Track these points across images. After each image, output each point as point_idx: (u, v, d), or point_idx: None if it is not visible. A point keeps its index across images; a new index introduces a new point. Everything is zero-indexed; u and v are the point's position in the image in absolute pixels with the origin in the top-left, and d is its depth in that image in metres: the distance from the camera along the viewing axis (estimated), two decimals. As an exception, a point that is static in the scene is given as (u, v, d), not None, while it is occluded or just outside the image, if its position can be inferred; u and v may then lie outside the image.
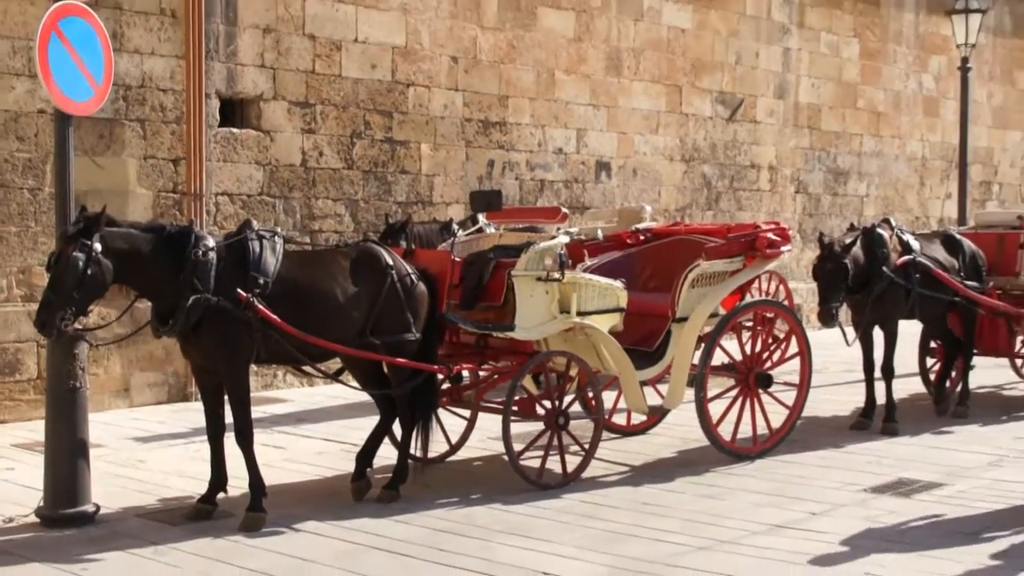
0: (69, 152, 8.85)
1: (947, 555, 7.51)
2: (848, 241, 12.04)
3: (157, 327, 8.52)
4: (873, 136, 23.34)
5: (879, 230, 12.50)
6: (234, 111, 14.41)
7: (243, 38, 14.33)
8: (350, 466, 9.49)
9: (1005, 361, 15.19)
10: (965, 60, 20.65)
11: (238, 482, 8.66)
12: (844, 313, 12.06)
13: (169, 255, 8.28)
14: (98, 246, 7.81)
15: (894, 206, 23.10)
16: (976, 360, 14.05)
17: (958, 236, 13.96)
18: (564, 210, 11.32)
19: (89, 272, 7.76)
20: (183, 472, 9.97)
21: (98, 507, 8.60)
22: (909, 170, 24.17)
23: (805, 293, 18.08)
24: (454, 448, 10.51)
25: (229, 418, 8.66)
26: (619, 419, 11.45)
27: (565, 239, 10.14)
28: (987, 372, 15.25)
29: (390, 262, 9.20)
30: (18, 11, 12.35)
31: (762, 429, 10.95)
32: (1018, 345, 14.93)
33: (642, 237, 11.76)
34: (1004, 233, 14.75)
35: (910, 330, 12.87)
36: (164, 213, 13.44)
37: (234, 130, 14.33)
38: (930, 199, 24.54)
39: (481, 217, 11.27)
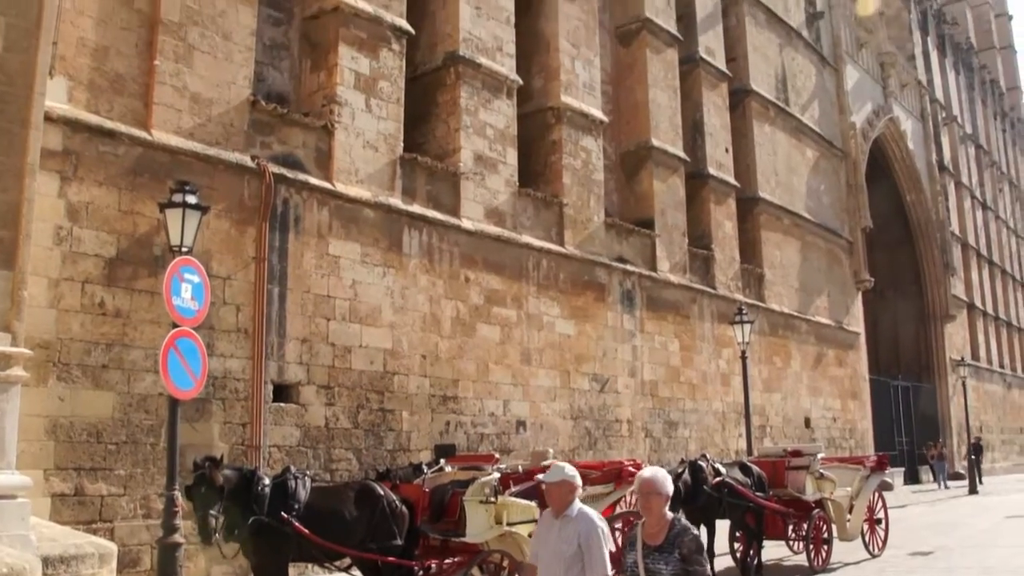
0: (176, 422, 8.82)
1: None
2: (680, 470, 12.02)
3: (227, 536, 8.26)
4: (691, 399, 23.42)
5: (700, 462, 12.58)
6: (282, 392, 14.17)
7: (289, 346, 14.26)
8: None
9: (782, 543, 15.13)
10: (743, 351, 20.97)
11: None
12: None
13: (241, 489, 8.16)
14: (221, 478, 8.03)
15: (707, 443, 23.01)
16: (764, 543, 13.93)
17: (748, 463, 13.98)
18: (496, 455, 11.27)
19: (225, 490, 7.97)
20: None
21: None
22: (715, 420, 24.20)
23: (652, 502, 17.77)
24: (426, 615, 10.04)
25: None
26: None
27: (497, 475, 10.01)
28: (772, 550, 15.01)
29: (381, 493, 9.05)
30: (149, 331, 12.29)
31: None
32: (790, 532, 14.90)
33: (548, 471, 11.59)
34: (776, 460, 14.96)
35: (723, 525, 12.65)
36: (236, 459, 13.06)
37: (282, 404, 14.08)
38: (729, 438, 24.49)
39: (442, 461, 11.08)
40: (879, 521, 16.08)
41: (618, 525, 11.15)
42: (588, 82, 21.43)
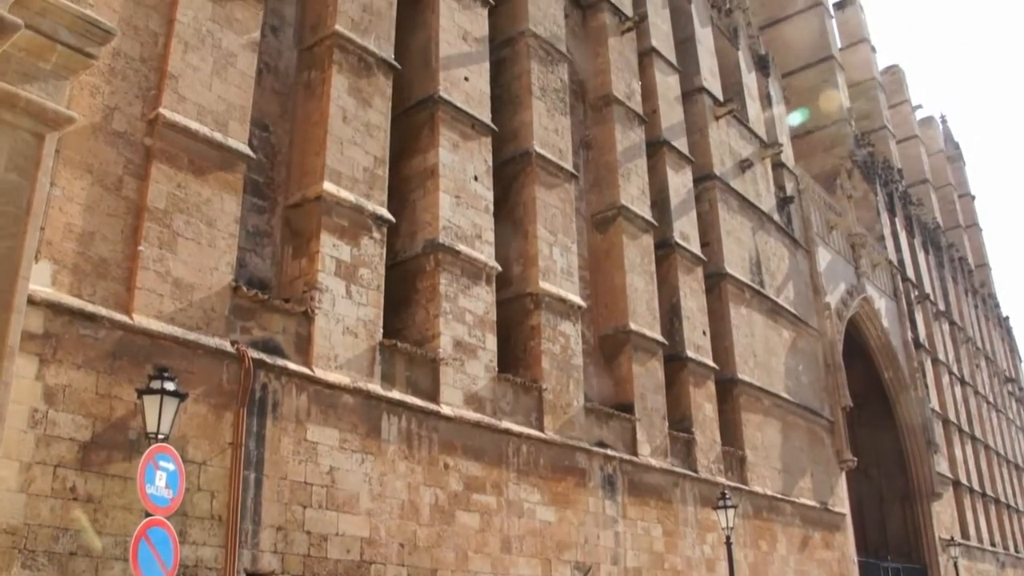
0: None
1: None
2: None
3: None
4: (675, 587, 22.95)
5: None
6: (255, 583, 13.90)
7: (264, 534, 14.03)
8: None
9: None
10: (728, 536, 20.71)
11: None
12: None
13: None
14: None
15: (693, 635, 22.42)
16: None
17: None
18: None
19: None
20: None
21: None
22: (700, 609, 23.62)
23: None
24: None
25: None
26: None
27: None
28: None
29: None
30: (120, 517, 12.06)
31: None
32: None
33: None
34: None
35: None
36: (203, 656, 12.68)
37: (254, 597, 13.78)
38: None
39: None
40: None
41: None
42: (566, 268, 22.00)
